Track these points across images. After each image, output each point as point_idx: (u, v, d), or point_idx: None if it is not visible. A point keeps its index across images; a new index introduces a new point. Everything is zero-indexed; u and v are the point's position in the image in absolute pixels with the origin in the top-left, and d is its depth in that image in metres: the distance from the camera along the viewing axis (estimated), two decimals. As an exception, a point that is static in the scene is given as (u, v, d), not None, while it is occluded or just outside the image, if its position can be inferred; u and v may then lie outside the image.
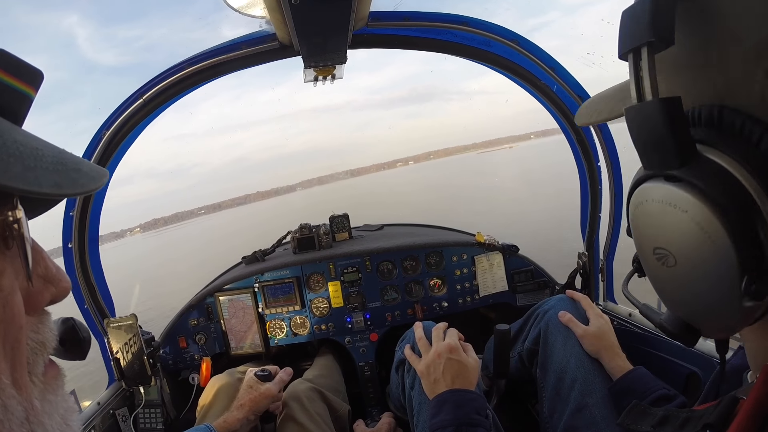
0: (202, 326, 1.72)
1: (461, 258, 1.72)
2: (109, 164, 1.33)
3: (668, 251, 0.37)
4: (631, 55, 0.36)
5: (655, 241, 0.38)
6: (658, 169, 0.36)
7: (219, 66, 1.19)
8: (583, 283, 1.54)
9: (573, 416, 1.00)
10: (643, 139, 0.36)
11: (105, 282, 1.53)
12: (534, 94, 1.36)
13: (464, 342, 1.06)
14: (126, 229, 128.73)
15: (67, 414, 0.33)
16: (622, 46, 0.37)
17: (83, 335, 0.43)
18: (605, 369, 1.05)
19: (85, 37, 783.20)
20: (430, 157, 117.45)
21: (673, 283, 0.38)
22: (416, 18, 1.16)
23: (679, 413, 0.43)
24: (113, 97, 1.33)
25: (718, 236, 0.32)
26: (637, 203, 0.40)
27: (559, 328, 1.14)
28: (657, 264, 0.39)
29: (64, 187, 0.27)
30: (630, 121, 0.37)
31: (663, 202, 0.36)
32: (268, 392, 1.17)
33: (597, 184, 1.42)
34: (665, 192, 0.35)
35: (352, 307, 1.72)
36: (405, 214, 11.73)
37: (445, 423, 0.88)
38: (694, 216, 0.33)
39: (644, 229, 0.40)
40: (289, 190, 57.31)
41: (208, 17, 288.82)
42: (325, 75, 1.22)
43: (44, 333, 0.32)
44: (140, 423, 1.51)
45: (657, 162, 0.36)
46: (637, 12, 0.35)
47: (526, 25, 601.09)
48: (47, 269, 0.32)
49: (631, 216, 0.41)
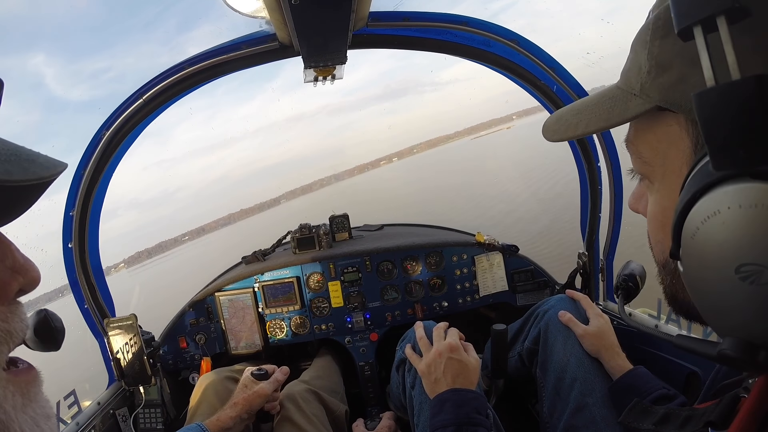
0: (202, 326, 1.72)
1: (461, 258, 1.72)
2: (109, 164, 1.33)
3: (763, 266, 0.30)
4: (699, 27, 0.30)
5: (744, 255, 0.31)
6: (746, 164, 0.30)
7: (219, 66, 1.19)
8: (583, 283, 1.54)
9: (573, 416, 1.01)
10: (726, 131, 0.29)
11: (105, 282, 1.53)
12: (534, 94, 1.36)
13: (465, 341, 1.07)
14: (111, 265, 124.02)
15: (39, 418, 0.33)
16: (684, 17, 0.31)
17: (55, 324, 0.43)
18: (605, 368, 1.05)
19: (52, 75, 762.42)
20: (414, 151, 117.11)
21: (762, 302, 0.32)
22: (416, 18, 1.16)
23: (680, 411, 0.42)
24: (88, 131, 1.34)
25: None
26: (707, 215, 0.32)
27: (559, 328, 1.15)
28: (740, 285, 0.32)
29: (15, 174, 0.28)
30: (704, 110, 0.30)
31: (757, 206, 0.29)
32: (262, 391, 1.17)
33: (597, 184, 1.42)
34: (759, 193, 0.29)
35: (352, 307, 1.72)
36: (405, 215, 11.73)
37: (446, 422, 0.88)
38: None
39: (722, 245, 0.32)
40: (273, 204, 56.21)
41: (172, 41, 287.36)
42: (325, 75, 1.22)
43: (12, 323, 0.32)
44: (140, 423, 1.51)
45: (745, 156, 0.29)
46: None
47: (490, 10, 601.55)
48: (15, 260, 0.33)
49: (694, 233, 0.34)
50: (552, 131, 0.53)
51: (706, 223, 0.32)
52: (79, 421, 1.30)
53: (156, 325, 1.69)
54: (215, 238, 19.84)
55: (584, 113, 0.49)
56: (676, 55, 0.38)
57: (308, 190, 58.02)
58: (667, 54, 0.39)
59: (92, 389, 1.48)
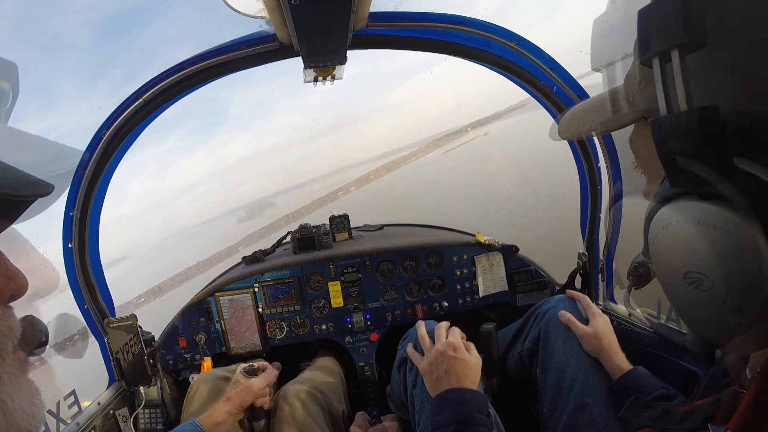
0: (202, 326, 1.71)
1: (461, 258, 1.72)
2: (109, 164, 1.33)
3: (704, 275, 0.34)
4: (656, 59, 0.33)
5: (688, 264, 0.35)
6: (692, 186, 0.33)
7: (219, 66, 1.19)
8: (583, 283, 1.54)
9: (573, 416, 1.01)
10: (674, 154, 0.33)
11: (105, 282, 1.53)
12: (534, 95, 1.36)
13: (466, 341, 1.07)
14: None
15: (33, 393, 0.38)
16: (643, 49, 0.34)
17: (41, 328, 0.46)
18: (605, 369, 1.05)
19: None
20: (371, 178, 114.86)
21: (707, 306, 0.35)
22: (416, 18, 1.16)
23: (679, 407, 0.43)
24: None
25: (765, 256, 0.29)
26: (662, 225, 0.36)
27: (559, 328, 1.15)
28: (688, 288, 0.36)
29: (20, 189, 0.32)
30: (657, 135, 0.33)
31: (699, 223, 0.32)
32: (253, 386, 1.21)
33: (597, 185, 1.42)
34: (702, 211, 0.32)
35: (352, 307, 1.72)
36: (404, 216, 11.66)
37: (447, 421, 0.88)
38: (737, 236, 0.30)
39: (673, 253, 0.36)
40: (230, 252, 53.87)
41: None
42: (324, 75, 1.22)
43: (9, 320, 0.37)
44: (140, 423, 1.51)
45: (691, 178, 0.32)
46: (664, 10, 0.31)
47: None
48: (7, 268, 0.37)
49: (654, 239, 0.38)
50: (562, 129, 0.56)
51: (663, 231, 0.36)
52: (79, 422, 1.30)
53: (156, 325, 1.69)
54: (173, 297, 19.29)
55: (591, 114, 0.52)
56: None
57: (266, 234, 55.94)
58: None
59: (92, 389, 1.48)
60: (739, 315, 0.33)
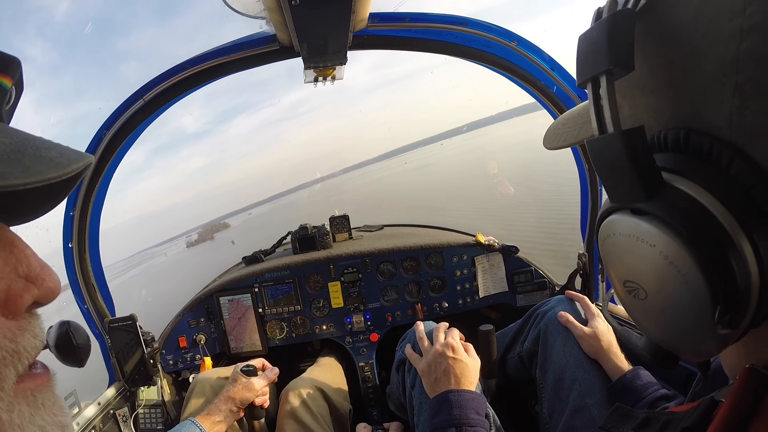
0: (202, 326, 1.72)
1: (461, 259, 1.72)
2: (109, 164, 1.33)
3: (638, 285, 0.36)
4: (590, 84, 0.34)
5: (625, 274, 0.37)
6: (624, 202, 0.34)
7: (220, 67, 1.19)
8: (583, 284, 1.54)
9: (572, 416, 1.01)
10: (607, 172, 0.34)
11: (105, 282, 1.53)
12: (534, 95, 1.36)
13: (465, 342, 1.07)
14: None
15: (48, 426, 0.28)
16: (580, 74, 0.35)
17: (78, 341, 0.39)
18: (604, 369, 1.05)
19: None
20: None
21: (646, 315, 0.37)
22: (416, 19, 1.16)
23: (660, 415, 0.43)
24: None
25: (689, 270, 0.30)
26: (605, 236, 0.38)
27: (558, 329, 1.15)
28: (628, 296, 0.38)
29: (9, 178, 0.23)
30: (592, 154, 0.35)
31: (630, 236, 0.34)
32: (251, 385, 1.23)
33: (597, 185, 1.42)
34: (632, 226, 0.34)
35: (352, 307, 1.73)
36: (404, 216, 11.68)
37: (445, 423, 0.88)
38: (662, 250, 0.32)
39: (614, 261, 0.38)
40: None
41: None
42: (325, 76, 1.23)
43: (21, 341, 0.28)
44: (140, 423, 1.51)
45: (622, 195, 0.34)
46: (594, 37, 0.33)
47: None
48: (29, 267, 0.28)
49: (601, 247, 0.40)
50: (546, 139, 0.56)
51: (605, 241, 0.38)
52: (79, 422, 1.30)
53: (156, 325, 1.70)
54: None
55: (569, 124, 0.52)
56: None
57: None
58: None
59: (92, 389, 1.48)
60: (673, 325, 0.35)
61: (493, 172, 17.60)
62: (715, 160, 0.31)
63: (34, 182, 0.24)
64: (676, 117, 0.34)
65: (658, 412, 0.44)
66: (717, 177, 0.30)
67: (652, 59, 0.34)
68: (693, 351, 0.36)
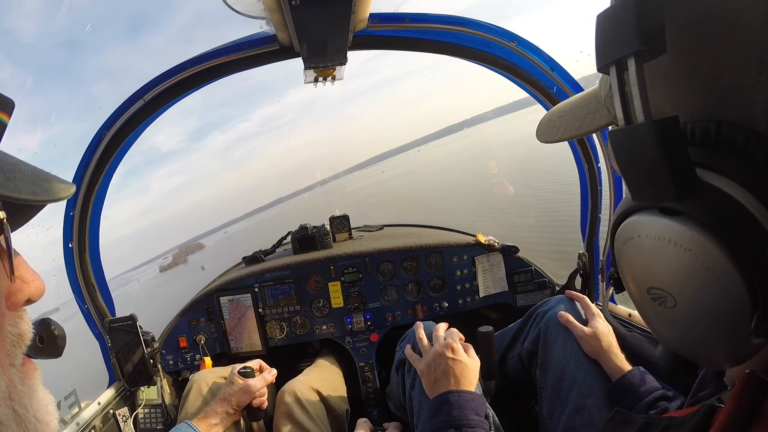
0: (202, 326, 1.72)
1: (461, 258, 1.72)
2: (109, 165, 1.33)
3: (667, 292, 0.32)
4: (613, 67, 0.31)
5: (650, 281, 0.34)
6: (653, 200, 0.31)
7: (220, 67, 1.19)
8: (583, 284, 1.54)
9: (572, 416, 1.01)
10: (634, 168, 0.31)
11: (105, 282, 1.53)
12: (533, 95, 1.36)
13: (465, 342, 1.06)
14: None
15: (46, 402, 0.37)
16: (601, 56, 0.32)
17: (58, 332, 0.45)
18: (604, 369, 1.05)
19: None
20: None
21: (672, 324, 0.34)
22: (416, 19, 1.16)
23: (660, 420, 0.41)
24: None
25: (728, 276, 0.28)
26: (626, 238, 0.35)
27: (558, 329, 1.15)
28: (652, 304, 0.34)
29: (39, 195, 0.32)
30: (616, 147, 0.32)
31: (660, 239, 0.31)
32: (248, 387, 1.23)
33: (597, 185, 1.42)
34: (663, 228, 0.31)
35: (352, 307, 1.73)
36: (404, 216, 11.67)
37: (444, 423, 0.88)
38: (698, 255, 0.29)
39: (635, 267, 0.35)
40: None
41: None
42: (325, 76, 1.23)
43: (22, 327, 0.36)
44: (140, 423, 1.51)
45: (651, 193, 0.31)
46: (619, 16, 0.29)
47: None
48: (25, 271, 0.37)
49: (619, 250, 0.36)
50: (540, 132, 0.53)
51: (626, 244, 0.35)
52: (79, 422, 1.30)
53: (156, 325, 1.70)
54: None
55: (567, 116, 0.49)
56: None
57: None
58: None
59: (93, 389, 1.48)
60: (704, 335, 0.32)
61: (493, 171, 17.57)
62: (750, 156, 0.28)
63: (52, 200, 0.33)
64: (704, 108, 0.31)
65: (657, 417, 0.43)
66: (754, 174, 0.28)
67: (679, 44, 0.31)
68: (719, 361, 0.34)
